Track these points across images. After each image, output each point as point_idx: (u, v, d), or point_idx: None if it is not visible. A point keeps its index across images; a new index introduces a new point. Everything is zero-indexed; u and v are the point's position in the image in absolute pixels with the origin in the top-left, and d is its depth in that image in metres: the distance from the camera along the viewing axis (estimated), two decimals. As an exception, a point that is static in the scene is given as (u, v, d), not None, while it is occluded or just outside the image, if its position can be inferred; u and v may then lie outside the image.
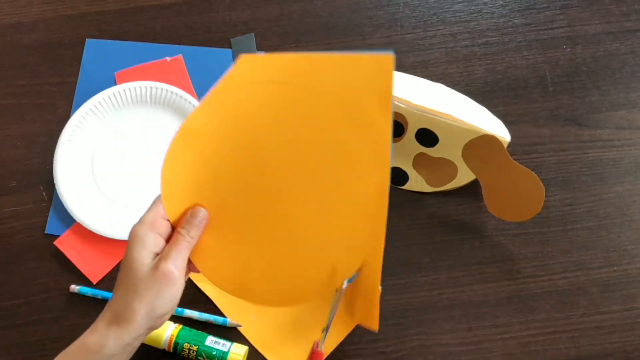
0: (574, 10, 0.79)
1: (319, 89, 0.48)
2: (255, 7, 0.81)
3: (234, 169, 0.51)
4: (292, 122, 0.49)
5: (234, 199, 0.52)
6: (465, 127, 0.66)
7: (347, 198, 0.49)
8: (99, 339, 0.49)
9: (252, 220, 0.52)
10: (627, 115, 0.74)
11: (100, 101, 0.75)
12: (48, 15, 0.82)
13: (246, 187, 0.51)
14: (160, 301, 0.49)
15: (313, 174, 0.50)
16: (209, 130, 0.50)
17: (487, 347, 0.65)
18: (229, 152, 0.51)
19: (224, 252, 0.53)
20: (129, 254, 0.50)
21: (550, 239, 0.69)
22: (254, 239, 0.52)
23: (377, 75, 0.46)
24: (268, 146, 0.50)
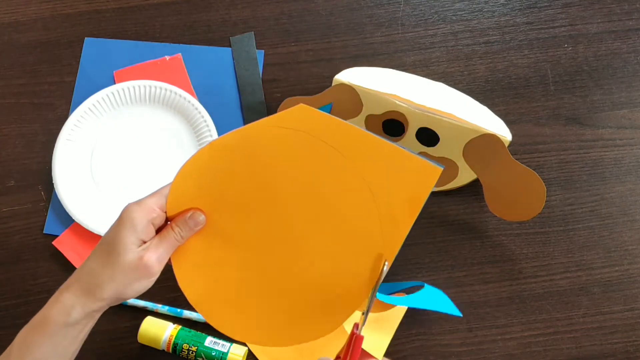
0: (575, 8, 0.79)
1: (358, 161, 0.49)
2: (255, 6, 0.81)
3: (244, 195, 0.52)
4: (314, 175, 0.50)
5: (231, 220, 0.52)
6: (466, 126, 0.66)
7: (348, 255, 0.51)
8: (63, 308, 0.49)
9: (243, 246, 0.52)
10: (629, 114, 0.74)
11: (99, 100, 0.75)
12: (46, 14, 0.81)
13: (246, 215, 0.52)
14: (132, 289, 0.49)
15: (317, 226, 0.51)
16: (236, 153, 0.50)
17: (488, 348, 0.65)
18: (247, 177, 0.51)
19: (203, 264, 0.53)
20: (118, 233, 0.49)
21: (551, 239, 0.69)
22: (239, 265, 0.53)
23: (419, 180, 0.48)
24: (284, 187, 0.51)
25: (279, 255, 0.53)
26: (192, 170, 0.51)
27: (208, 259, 0.53)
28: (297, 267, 0.52)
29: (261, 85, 0.77)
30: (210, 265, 0.53)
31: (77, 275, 0.50)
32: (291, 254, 0.52)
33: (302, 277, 0.53)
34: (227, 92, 0.77)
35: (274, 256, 0.53)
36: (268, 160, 0.51)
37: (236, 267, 0.53)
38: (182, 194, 0.51)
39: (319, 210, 0.51)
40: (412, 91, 0.69)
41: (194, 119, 0.74)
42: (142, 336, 0.65)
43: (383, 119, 0.69)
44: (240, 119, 0.76)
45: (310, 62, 0.78)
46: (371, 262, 0.51)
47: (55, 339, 0.49)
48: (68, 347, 0.50)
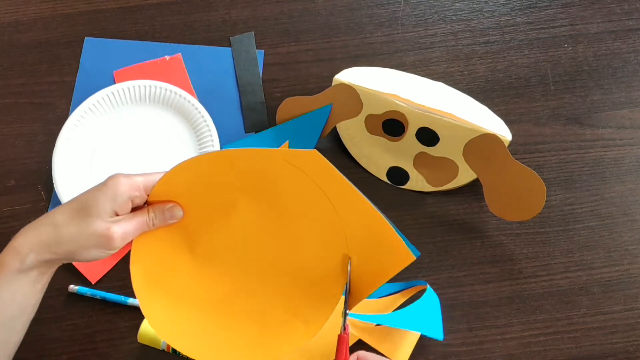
0: (575, 8, 0.79)
1: (346, 217, 0.51)
2: (254, 6, 0.81)
3: (227, 210, 0.53)
4: (302, 214, 0.52)
5: (204, 230, 0.53)
6: (466, 126, 0.66)
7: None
8: (18, 255, 0.49)
9: (205, 258, 0.53)
10: (629, 114, 0.74)
11: (99, 100, 0.75)
12: (46, 13, 0.81)
13: (221, 230, 0.53)
14: (87, 254, 0.50)
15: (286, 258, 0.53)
16: (237, 169, 0.51)
17: (488, 348, 0.65)
18: (238, 196, 0.52)
19: (160, 261, 0.53)
20: (96, 197, 0.49)
21: (551, 238, 0.69)
22: (194, 274, 0.54)
23: (392, 259, 0.50)
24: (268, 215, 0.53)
25: (242, 276, 0.53)
26: (189, 168, 0.51)
27: (166, 258, 0.53)
28: (268, 277, 0.53)
29: (261, 85, 0.77)
30: (166, 266, 0.53)
31: (39, 223, 0.50)
32: (255, 277, 0.53)
33: (269, 292, 0.53)
34: (227, 92, 0.77)
35: (237, 276, 0.54)
36: (264, 187, 0.51)
37: (191, 275, 0.54)
38: (171, 186, 0.51)
39: (292, 247, 0.52)
40: (412, 91, 0.69)
41: (194, 118, 0.74)
42: (142, 336, 0.65)
43: (383, 118, 0.69)
44: (240, 118, 0.76)
45: (310, 62, 0.78)
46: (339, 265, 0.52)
47: (12, 285, 0.49)
48: (27, 297, 0.50)
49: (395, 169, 0.72)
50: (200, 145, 0.74)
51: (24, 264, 0.49)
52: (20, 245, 0.49)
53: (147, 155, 0.74)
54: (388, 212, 0.71)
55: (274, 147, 0.72)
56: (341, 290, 0.52)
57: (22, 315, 0.51)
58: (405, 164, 0.71)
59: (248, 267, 0.54)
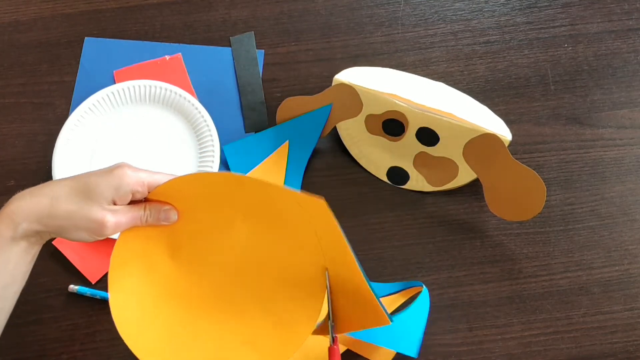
0: (575, 8, 0.79)
1: (336, 267, 0.51)
2: (254, 6, 0.81)
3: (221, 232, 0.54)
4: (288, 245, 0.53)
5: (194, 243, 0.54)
6: (467, 126, 0.66)
7: None
8: (12, 223, 0.49)
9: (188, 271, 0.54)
10: (629, 114, 0.74)
11: (99, 100, 0.75)
12: (46, 13, 0.81)
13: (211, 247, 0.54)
14: (76, 234, 0.50)
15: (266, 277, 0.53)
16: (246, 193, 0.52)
17: (488, 347, 0.65)
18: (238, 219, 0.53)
19: (142, 260, 0.54)
20: (101, 183, 0.50)
21: (551, 238, 0.69)
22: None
23: (371, 318, 0.51)
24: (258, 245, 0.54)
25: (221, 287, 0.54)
26: (198, 181, 0.51)
27: (148, 255, 0.54)
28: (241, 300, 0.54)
29: (261, 85, 0.77)
30: (146, 263, 0.54)
31: (36, 193, 0.50)
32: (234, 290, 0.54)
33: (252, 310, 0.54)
34: (227, 92, 0.77)
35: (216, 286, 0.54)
36: (264, 214, 0.52)
37: (168, 277, 0.54)
38: (173, 191, 0.52)
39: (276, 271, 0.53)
40: (412, 91, 0.69)
41: (194, 118, 0.74)
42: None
43: (383, 118, 0.69)
44: (240, 118, 0.76)
45: (310, 61, 0.78)
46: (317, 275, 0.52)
47: (4, 254, 0.49)
48: (18, 266, 0.50)
49: (395, 169, 0.72)
50: (200, 145, 0.74)
51: (16, 232, 0.49)
52: (14, 213, 0.49)
53: (147, 155, 0.74)
54: (388, 212, 0.71)
55: (273, 147, 0.72)
56: (320, 305, 0.52)
57: (13, 284, 0.52)
58: (405, 164, 0.71)
59: (229, 279, 0.54)
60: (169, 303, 0.54)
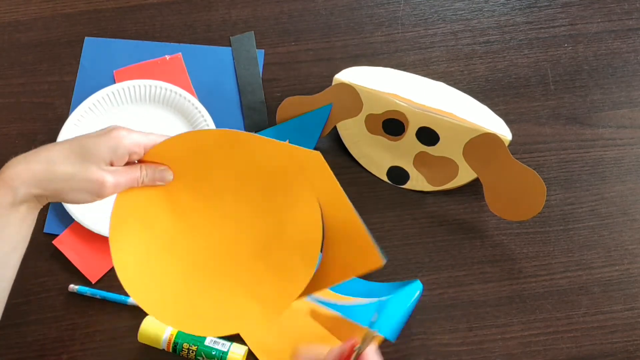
0: (575, 8, 0.79)
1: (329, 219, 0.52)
2: (255, 5, 0.81)
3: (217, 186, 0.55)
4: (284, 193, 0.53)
5: (190, 197, 0.55)
6: (467, 125, 0.66)
7: None
8: (10, 189, 0.49)
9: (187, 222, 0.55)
10: (629, 114, 0.74)
11: (99, 100, 0.75)
12: (46, 13, 0.81)
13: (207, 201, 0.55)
14: (75, 196, 0.50)
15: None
16: (238, 150, 0.53)
17: (488, 347, 0.65)
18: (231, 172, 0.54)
19: (141, 220, 0.54)
20: (98, 144, 0.50)
21: (551, 238, 0.69)
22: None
23: (363, 259, 0.52)
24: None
25: (216, 245, 0.55)
26: (192, 139, 0.53)
27: (146, 214, 0.54)
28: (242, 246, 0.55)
29: (261, 84, 0.77)
30: (144, 222, 0.54)
31: (31, 158, 0.50)
32: (229, 250, 0.55)
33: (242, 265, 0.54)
34: (227, 92, 0.77)
35: (212, 244, 0.55)
36: (258, 171, 0.53)
37: (167, 234, 0.55)
38: (168, 151, 0.53)
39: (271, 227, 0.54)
40: (412, 90, 0.69)
41: (194, 118, 0.74)
42: (142, 335, 0.65)
43: (383, 118, 0.69)
44: (240, 118, 0.76)
45: (310, 61, 0.78)
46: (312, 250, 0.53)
47: (3, 219, 0.49)
48: (18, 232, 0.51)
49: (395, 169, 0.72)
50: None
51: (15, 198, 0.49)
52: (11, 179, 0.49)
53: (147, 154, 0.74)
54: (388, 212, 0.71)
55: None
56: (317, 251, 0.53)
57: (14, 250, 0.52)
58: (406, 164, 0.71)
59: (226, 234, 0.55)
60: (169, 259, 0.55)
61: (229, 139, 0.52)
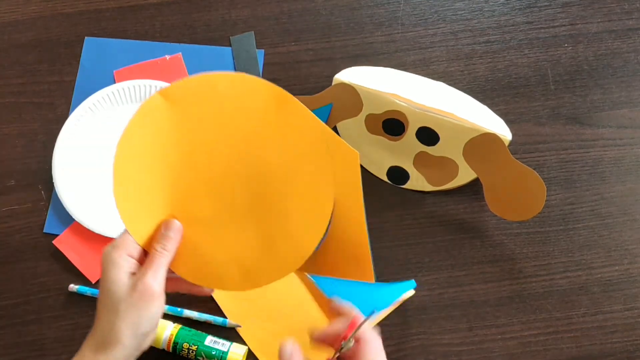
0: (575, 8, 0.79)
1: None
2: (255, 5, 0.81)
3: (191, 176, 0.51)
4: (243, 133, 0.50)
5: (196, 202, 0.52)
6: (467, 125, 0.66)
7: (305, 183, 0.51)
8: None
9: (219, 216, 0.52)
10: (629, 113, 0.74)
11: (99, 100, 0.75)
12: (46, 13, 0.81)
13: (207, 189, 0.52)
14: (143, 319, 0.49)
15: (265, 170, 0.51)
16: (145, 145, 0.50)
17: (488, 347, 0.65)
18: (184, 159, 0.51)
19: (200, 252, 0.52)
20: (105, 277, 0.49)
21: (551, 238, 0.69)
22: (224, 233, 0.52)
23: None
24: (211, 144, 0.51)
25: (244, 200, 0.52)
26: (124, 194, 0.50)
27: (193, 244, 0.52)
28: (263, 203, 0.52)
29: (261, 84, 0.77)
30: (206, 248, 0.52)
31: (92, 335, 0.50)
32: (253, 194, 0.52)
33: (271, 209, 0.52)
34: (227, 92, 0.77)
35: (240, 203, 0.52)
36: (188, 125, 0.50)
37: (217, 233, 0.52)
38: (137, 219, 0.51)
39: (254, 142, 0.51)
40: (412, 90, 0.69)
41: (194, 118, 0.74)
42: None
43: (383, 118, 0.69)
44: (240, 118, 0.76)
45: (310, 61, 0.78)
46: None
47: None
48: None
49: (395, 169, 0.72)
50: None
51: None
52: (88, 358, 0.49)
53: (147, 154, 0.74)
54: (388, 212, 0.71)
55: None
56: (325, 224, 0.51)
57: None
58: (406, 164, 0.71)
59: (238, 182, 0.52)
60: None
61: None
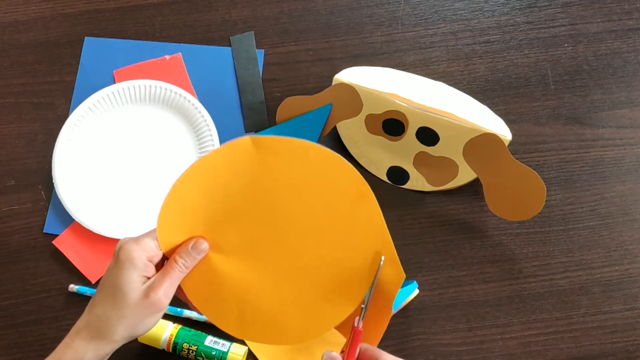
0: (575, 8, 0.79)
1: None
2: (254, 5, 0.81)
3: (238, 209, 0.52)
4: (309, 181, 0.51)
5: (233, 236, 0.52)
6: (467, 125, 0.66)
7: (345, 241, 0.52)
8: (76, 354, 0.49)
9: (242, 254, 0.53)
10: (629, 114, 0.74)
11: (99, 100, 0.75)
12: (46, 13, 0.81)
13: (249, 226, 0.52)
14: (143, 326, 0.50)
15: (315, 226, 0.52)
16: (217, 173, 0.51)
17: (488, 347, 0.65)
18: (234, 194, 0.51)
19: (216, 283, 0.53)
20: (119, 274, 0.49)
21: (551, 238, 0.69)
22: (252, 276, 0.53)
23: None
24: (273, 195, 0.52)
25: (279, 256, 0.53)
26: (174, 202, 0.50)
27: (212, 273, 0.53)
28: (297, 265, 0.53)
29: (261, 84, 0.77)
30: (220, 280, 0.53)
31: (86, 321, 0.51)
32: (290, 254, 0.53)
33: (304, 274, 0.53)
34: (227, 92, 0.77)
35: (274, 258, 0.53)
36: (262, 172, 0.51)
37: (239, 274, 0.53)
38: (170, 229, 0.51)
39: (316, 211, 0.52)
40: (412, 90, 0.69)
41: (194, 118, 0.74)
42: (142, 335, 0.65)
43: (383, 118, 0.69)
44: (240, 118, 0.76)
45: (310, 61, 0.78)
46: (370, 258, 0.52)
47: None
48: None
49: (395, 169, 0.72)
50: (200, 145, 0.74)
51: None
52: (78, 345, 0.50)
53: (147, 155, 0.74)
54: (388, 212, 0.71)
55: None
56: (365, 291, 0.52)
57: None
58: (405, 164, 0.71)
59: (279, 254, 0.53)
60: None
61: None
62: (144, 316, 0.49)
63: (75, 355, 0.49)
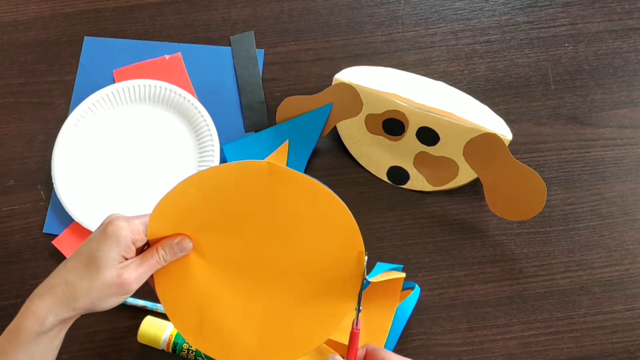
0: (576, 7, 0.79)
1: None
2: (254, 5, 0.81)
3: (231, 223, 0.53)
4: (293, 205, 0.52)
5: (218, 246, 0.53)
6: (467, 125, 0.65)
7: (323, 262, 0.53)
8: (37, 319, 0.49)
9: (225, 265, 0.54)
10: (630, 113, 0.74)
11: (98, 99, 0.75)
12: (46, 13, 0.81)
13: (236, 242, 0.53)
14: (106, 303, 0.50)
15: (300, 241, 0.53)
16: (224, 184, 0.52)
17: (489, 347, 0.65)
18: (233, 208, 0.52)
19: (184, 282, 0.54)
20: (100, 247, 0.49)
21: (552, 238, 0.69)
22: (224, 290, 0.54)
23: None
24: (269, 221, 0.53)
25: (258, 280, 0.54)
26: (174, 198, 0.51)
27: (186, 275, 0.54)
28: (276, 295, 0.54)
29: (261, 84, 0.77)
30: (191, 283, 0.54)
31: (51, 283, 0.50)
32: (271, 281, 0.54)
33: (289, 290, 0.53)
34: (227, 92, 0.77)
35: (253, 280, 0.54)
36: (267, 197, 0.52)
37: (211, 284, 0.54)
38: (163, 220, 0.52)
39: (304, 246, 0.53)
40: (413, 90, 0.69)
41: (193, 118, 0.74)
42: (141, 336, 0.64)
43: (383, 118, 0.69)
44: (240, 118, 0.76)
45: (310, 61, 0.78)
46: (354, 261, 0.52)
47: (31, 347, 0.49)
48: (45, 355, 0.50)
49: (396, 169, 0.71)
50: (200, 145, 0.74)
51: (43, 327, 0.49)
52: (38, 309, 0.49)
53: (147, 154, 0.74)
54: (388, 212, 0.71)
55: (273, 146, 0.72)
56: (358, 289, 0.52)
57: None
58: (406, 164, 0.71)
59: (259, 275, 0.54)
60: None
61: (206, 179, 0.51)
62: (110, 294, 0.49)
63: (37, 320, 0.49)
